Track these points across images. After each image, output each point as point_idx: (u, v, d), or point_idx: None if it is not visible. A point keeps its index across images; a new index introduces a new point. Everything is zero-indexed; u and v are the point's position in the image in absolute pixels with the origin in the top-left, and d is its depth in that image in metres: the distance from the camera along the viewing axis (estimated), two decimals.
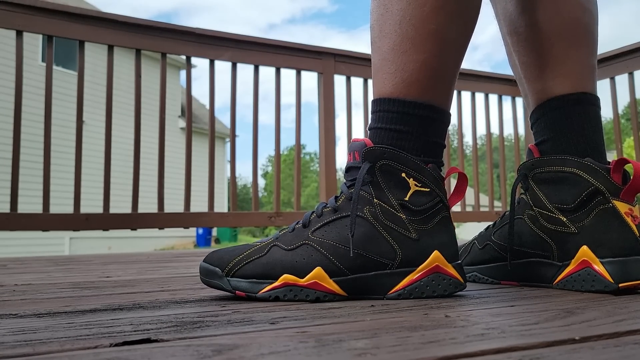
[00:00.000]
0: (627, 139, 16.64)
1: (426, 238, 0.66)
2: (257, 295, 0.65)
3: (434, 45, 0.68)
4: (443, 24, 0.68)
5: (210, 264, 0.68)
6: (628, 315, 0.51)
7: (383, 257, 0.66)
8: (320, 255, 0.65)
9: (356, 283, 0.65)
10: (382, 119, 0.70)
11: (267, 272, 0.65)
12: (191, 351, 0.39)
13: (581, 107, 0.76)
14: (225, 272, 0.66)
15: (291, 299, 0.64)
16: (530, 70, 0.81)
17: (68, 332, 0.47)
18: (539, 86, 0.79)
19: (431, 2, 0.67)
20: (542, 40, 0.79)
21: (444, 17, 0.68)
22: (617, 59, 2.62)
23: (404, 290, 0.65)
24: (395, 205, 0.66)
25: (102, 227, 2.02)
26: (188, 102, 2.31)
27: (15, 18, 1.90)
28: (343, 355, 0.38)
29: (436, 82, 0.70)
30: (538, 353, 0.37)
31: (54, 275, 1.08)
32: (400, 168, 0.67)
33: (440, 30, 0.68)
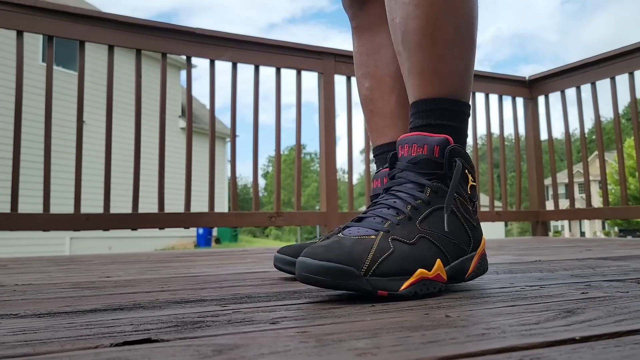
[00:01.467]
0: (627, 138, 16.65)
1: (478, 225, 0.77)
2: (399, 292, 0.63)
3: (474, 49, 0.80)
4: (476, 32, 0.81)
5: (342, 263, 0.62)
6: (628, 315, 0.51)
7: (464, 244, 0.73)
8: (436, 248, 0.69)
9: (453, 270, 0.71)
10: (444, 116, 0.76)
11: (404, 268, 0.64)
12: (191, 351, 0.39)
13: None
14: (363, 272, 0.62)
15: (425, 293, 0.66)
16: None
17: (68, 332, 0.47)
18: None
19: (473, 14, 0.79)
20: None
21: (476, 27, 0.80)
22: (617, 59, 2.62)
23: (473, 272, 0.74)
24: (467, 197, 0.75)
25: (103, 227, 2.03)
26: (188, 102, 2.31)
27: (15, 18, 1.90)
28: (343, 355, 0.38)
29: (471, 81, 0.81)
30: (538, 353, 0.37)
31: (55, 275, 1.08)
32: (464, 164, 0.74)
33: (475, 35, 0.80)
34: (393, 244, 0.66)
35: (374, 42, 1.03)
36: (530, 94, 3.09)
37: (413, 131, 0.77)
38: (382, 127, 1.01)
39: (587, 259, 1.22)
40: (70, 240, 10.35)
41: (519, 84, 3.07)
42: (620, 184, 2.64)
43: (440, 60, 0.76)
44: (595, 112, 2.76)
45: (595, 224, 30.94)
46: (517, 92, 3.06)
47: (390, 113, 1.01)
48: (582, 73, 2.82)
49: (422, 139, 0.73)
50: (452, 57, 0.77)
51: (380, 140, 1.02)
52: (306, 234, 32.54)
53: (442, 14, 0.76)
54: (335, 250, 0.63)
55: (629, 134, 21.37)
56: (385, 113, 1.01)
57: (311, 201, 36.89)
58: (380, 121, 1.01)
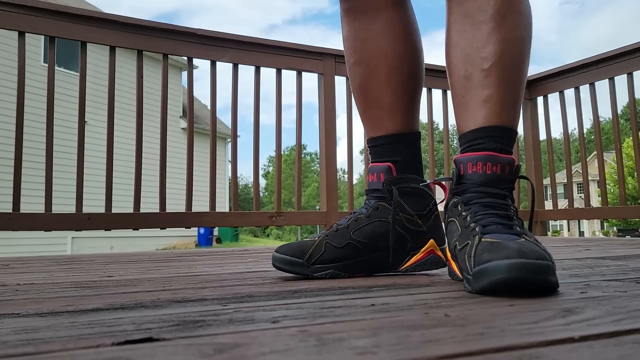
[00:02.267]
0: (626, 139, 16.62)
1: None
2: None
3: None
4: None
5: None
6: (627, 315, 0.51)
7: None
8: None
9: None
10: (510, 143, 0.87)
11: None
12: (193, 350, 0.39)
13: (418, 143, 1.03)
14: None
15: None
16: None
17: (70, 331, 0.48)
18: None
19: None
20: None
21: None
22: (616, 59, 2.62)
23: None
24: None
25: (104, 227, 2.03)
26: (190, 103, 2.31)
27: (17, 19, 1.91)
28: (344, 354, 0.38)
29: None
30: (537, 352, 0.38)
31: (56, 274, 1.08)
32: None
33: None
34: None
35: (372, 29, 0.99)
36: (529, 94, 3.09)
37: (484, 151, 0.83)
38: (378, 118, 1.00)
39: (585, 259, 1.22)
40: (72, 240, 10.35)
41: None
42: (619, 184, 2.64)
43: (520, 95, 0.88)
44: (594, 112, 2.76)
45: (594, 224, 30.91)
46: None
47: (388, 105, 0.99)
48: (580, 74, 2.82)
49: (499, 159, 0.81)
50: (522, 93, 0.89)
51: (376, 131, 1.01)
52: (306, 234, 32.53)
53: (527, 56, 0.88)
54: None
55: (628, 134, 21.34)
56: (381, 104, 0.99)
57: (311, 201, 36.85)
58: (376, 112, 1.00)
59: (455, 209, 0.82)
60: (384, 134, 0.99)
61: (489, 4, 0.85)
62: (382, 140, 0.99)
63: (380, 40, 0.99)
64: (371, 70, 0.99)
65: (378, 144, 1.00)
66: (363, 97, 1.02)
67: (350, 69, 1.03)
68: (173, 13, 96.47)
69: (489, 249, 0.68)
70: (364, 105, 1.02)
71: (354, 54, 1.01)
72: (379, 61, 0.99)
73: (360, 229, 0.95)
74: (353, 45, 1.01)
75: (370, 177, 0.98)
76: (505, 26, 0.85)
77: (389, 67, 0.99)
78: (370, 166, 1.00)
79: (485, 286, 0.65)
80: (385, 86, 0.99)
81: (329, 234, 0.95)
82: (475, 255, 0.70)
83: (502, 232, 0.73)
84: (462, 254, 0.74)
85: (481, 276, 0.66)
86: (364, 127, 1.05)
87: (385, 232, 0.94)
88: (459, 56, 0.87)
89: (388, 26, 0.98)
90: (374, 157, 1.01)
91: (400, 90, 0.99)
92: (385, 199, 0.95)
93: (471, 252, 0.71)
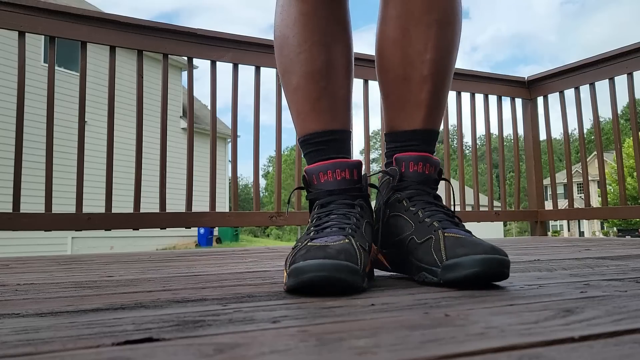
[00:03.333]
0: (626, 139, 16.62)
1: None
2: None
3: None
4: None
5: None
6: (627, 315, 0.51)
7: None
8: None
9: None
10: (434, 144, 0.96)
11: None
12: (193, 350, 0.39)
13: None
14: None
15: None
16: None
17: (70, 331, 0.48)
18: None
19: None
20: None
21: None
22: (616, 60, 2.62)
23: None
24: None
25: (104, 227, 2.03)
26: (190, 103, 2.31)
27: (17, 19, 1.91)
28: (344, 354, 0.38)
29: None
30: (537, 352, 0.38)
31: (56, 274, 1.08)
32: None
33: None
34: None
35: (336, 12, 0.91)
36: (529, 94, 3.09)
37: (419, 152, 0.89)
38: (334, 110, 0.91)
39: (585, 259, 1.23)
40: (72, 240, 10.35)
41: (518, 84, 3.07)
42: (619, 184, 2.64)
43: (446, 100, 0.93)
44: (594, 112, 2.76)
45: (594, 224, 30.91)
46: (516, 93, 3.06)
47: (343, 98, 0.92)
48: (581, 74, 2.82)
49: (432, 161, 0.88)
50: (447, 98, 0.95)
51: (332, 124, 0.90)
52: None
53: (454, 64, 0.93)
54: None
55: (628, 134, 21.33)
56: (338, 96, 0.91)
57: None
58: (332, 103, 0.91)
59: (399, 204, 0.86)
60: (340, 127, 0.91)
61: (436, 8, 0.87)
62: (337, 135, 0.90)
63: (345, 32, 0.93)
64: (333, 57, 0.90)
65: (334, 138, 0.90)
66: (322, 85, 0.90)
67: (308, 50, 0.89)
68: (173, 12, 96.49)
69: (461, 243, 0.74)
70: (321, 92, 0.90)
71: (316, 32, 0.89)
72: (343, 51, 0.92)
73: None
74: (317, 23, 0.90)
75: (341, 174, 0.84)
76: (446, 34, 0.88)
77: (349, 60, 0.94)
78: (338, 161, 0.85)
79: (460, 277, 0.71)
80: (344, 78, 0.92)
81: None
82: (446, 249, 0.75)
83: (454, 227, 0.79)
84: (426, 247, 0.78)
85: (456, 268, 0.72)
86: (311, 116, 0.91)
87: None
88: (398, 55, 0.89)
89: (346, 15, 0.94)
90: (330, 152, 0.89)
91: (351, 86, 0.95)
92: (365, 198, 0.86)
93: (439, 245, 0.76)
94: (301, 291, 0.67)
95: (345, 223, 0.78)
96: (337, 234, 0.75)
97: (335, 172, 0.84)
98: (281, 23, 0.94)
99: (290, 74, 0.92)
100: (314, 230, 0.78)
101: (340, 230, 0.76)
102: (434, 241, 0.77)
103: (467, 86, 2.84)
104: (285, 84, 0.95)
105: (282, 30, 0.93)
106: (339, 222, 0.78)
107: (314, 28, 0.90)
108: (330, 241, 0.73)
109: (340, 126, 0.91)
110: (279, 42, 0.95)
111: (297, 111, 0.93)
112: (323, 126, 0.90)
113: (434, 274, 0.75)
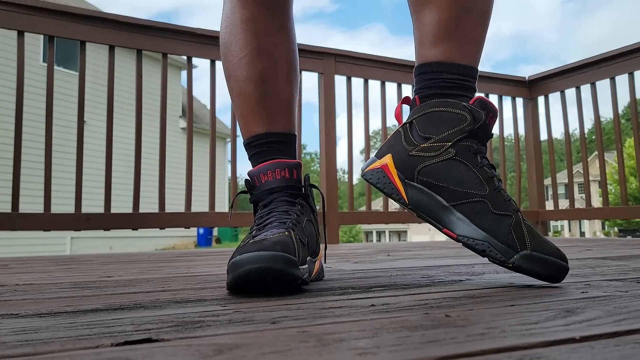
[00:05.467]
0: (627, 139, 16.63)
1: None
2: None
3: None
4: None
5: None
6: (628, 315, 0.51)
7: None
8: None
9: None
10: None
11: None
12: (192, 351, 0.39)
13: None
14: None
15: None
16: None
17: (69, 331, 0.47)
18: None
19: None
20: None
21: None
22: (617, 59, 2.63)
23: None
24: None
25: (103, 227, 2.03)
26: (189, 103, 2.31)
27: (16, 18, 1.90)
28: (344, 354, 0.38)
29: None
30: (538, 352, 0.37)
31: (55, 275, 1.08)
32: None
33: None
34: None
35: (277, 19, 0.94)
36: (530, 94, 3.09)
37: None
38: (275, 113, 0.93)
39: (586, 259, 1.22)
40: (71, 240, 10.35)
41: (518, 84, 3.07)
42: (620, 184, 2.64)
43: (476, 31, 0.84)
44: (595, 112, 2.76)
45: (595, 224, 30.93)
46: (517, 92, 3.06)
47: (286, 102, 0.94)
48: (581, 73, 2.82)
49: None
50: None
51: (274, 127, 0.92)
52: None
53: None
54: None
55: (629, 134, 21.34)
56: (280, 100, 0.93)
57: None
58: (273, 106, 0.93)
59: (471, 154, 0.78)
60: (281, 130, 0.93)
61: None
62: (281, 137, 0.92)
63: (285, 35, 0.95)
64: (273, 62, 0.93)
65: (277, 140, 0.92)
66: (263, 90, 0.92)
67: (246, 58, 0.92)
68: (172, 11, 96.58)
69: (540, 237, 0.76)
70: (262, 97, 0.92)
71: (254, 40, 0.92)
72: (282, 55, 0.94)
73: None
74: (254, 29, 0.92)
75: (281, 173, 0.86)
76: None
77: (289, 64, 0.95)
78: (277, 161, 0.87)
79: (535, 272, 0.73)
80: (286, 83, 0.94)
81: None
82: (531, 239, 0.74)
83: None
84: (502, 223, 0.75)
85: (537, 262, 0.73)
86: (254, 120, 0.93)
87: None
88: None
89: (290, 21, 0.96)
90: (272, 154, 0.91)
91: (295, 90, 0.97)
92: (305, 197, 0.87)
93: (521, 231, 0.74)
94: (239, 287, 0.68)
95: (285, 218, 0.79)
96: (277, 228, 0.76)
97: (275, 172, 0.85)
98: (225, 30, 0.95)
99: (233, 78, 0.94)
100: (256, 229, 0.79)
101: (280, 224, 0.77)
102: (514, 222, 0.74)
103: None
104: (230, 89, 0.97)
105: (226, 37, 0.95)
106: (279, 218, 0.79)
107: (255, 34, 0.92)
108: (270, 235, 0.73)
109: (282, 129, 0.93)
110: (223, 49, 0.96)
111: (241, 115, 0.95)
112: (264, 129, 0.92)
113: (508, 254, 0.72)
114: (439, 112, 0.80)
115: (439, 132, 0.79)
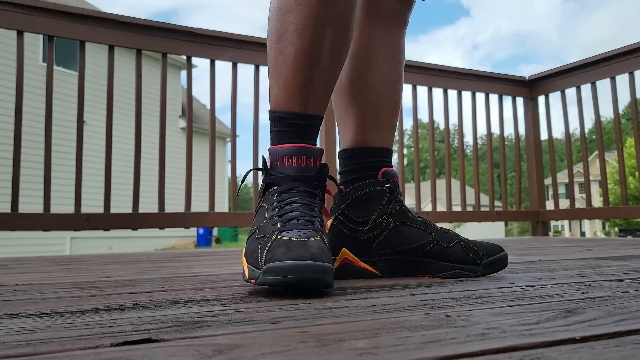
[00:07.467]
0: (628, 138, 16.63)
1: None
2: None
3: None
4: None
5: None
6: (629, 315, 0.51)
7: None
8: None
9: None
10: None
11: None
12: (192, 351, 0.39)
13: None
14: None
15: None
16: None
17: (69, 332, 0.47)
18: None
19: None
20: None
21: None
22: (617, 59, 2.62)
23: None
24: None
25: (103, 227, 2.03)
26: (189, 102, 2.31)
27: (16, 18, 1.90)
28: (344, 355, 0.38)
29: None
30: (539, 353, 0.37)
31: (55, 275, 1.08)
32: None
33: None
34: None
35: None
36: (530, 93, 3.08)
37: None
38: (323, 97, 0.86)
39: (587, 259, 1.22)
40: (71, 240, 10.35)
41: (519, 83, 3.07)
42: (621, 184, 2.64)
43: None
44: (595, 112, 2.76)
45: (596, 224, 30.93)
46: (517, 92, 3.06)
47: (332, 84, 0.87)
48: (582, 73, 2.81)
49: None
50: None
51: (316, 109, 0.85)
52: None
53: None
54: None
55: (630, 133, 21.34)
56: (330, 81, 0.86)
57: None
58: (324, 88, 0.85)
59: (405, 215, 0.95)
60: (318, 114, 0.85)
61: (401, 46, 1.04)
62: (316, 121, 0.85)
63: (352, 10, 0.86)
64: (339, 39, 0.84)
65: (311, 124, 0.84)
66: (320, 66, 0.82)
67: (321, 24, 0.81)
68: (171, 11, 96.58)
69: (484, 247, 0.94)
70: (314, 75, 0.83)
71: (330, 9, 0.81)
72: (347, 33, 0.86)
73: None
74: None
75: (306, 160, 0.80)
76: (402, 69, 1.05)
77: (349, 42, 0.89)
78: (305, 147, 0.80)
79: (498, 270, 0.93)
80: (340, 64, 0.87)
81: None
82: (479, 251, 0.93)
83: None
84: (457, 250, 0.93)
85: (493, 265, 0.92)
86: (295, 94, 0.82)
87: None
88: (380, 79, 1.01)
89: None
90: (302, 137, 0.83)
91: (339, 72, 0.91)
92: (323, 189, 0.84)
93: (471, 248, 0.93)
94: (280, 287, 0.68)
95: (311, 215, 0.77)
96: (306, 228, 0.73)
97: (300, 158, 0.79)
98: None
99: (288, 43, 0.81)
100: (280, 221, 0.75)
101: (308, 224, 0.75)
102: (464, 245, 0.91)
103: (468, 85, 2.84)
104: (276, 50, 0.83)
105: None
106: (305, 214, 0.76)
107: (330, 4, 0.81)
108: (304, 236, 0.71)
109: (319, 112, 0.85)
110: (283, 2, 0.82)
111: (284, 83, 0.83)
112: (306, 109, 0.83)
113: (474, 270, 0.90)
114: (367, 193, 0.94)
115: (373, 211, 0.93)
